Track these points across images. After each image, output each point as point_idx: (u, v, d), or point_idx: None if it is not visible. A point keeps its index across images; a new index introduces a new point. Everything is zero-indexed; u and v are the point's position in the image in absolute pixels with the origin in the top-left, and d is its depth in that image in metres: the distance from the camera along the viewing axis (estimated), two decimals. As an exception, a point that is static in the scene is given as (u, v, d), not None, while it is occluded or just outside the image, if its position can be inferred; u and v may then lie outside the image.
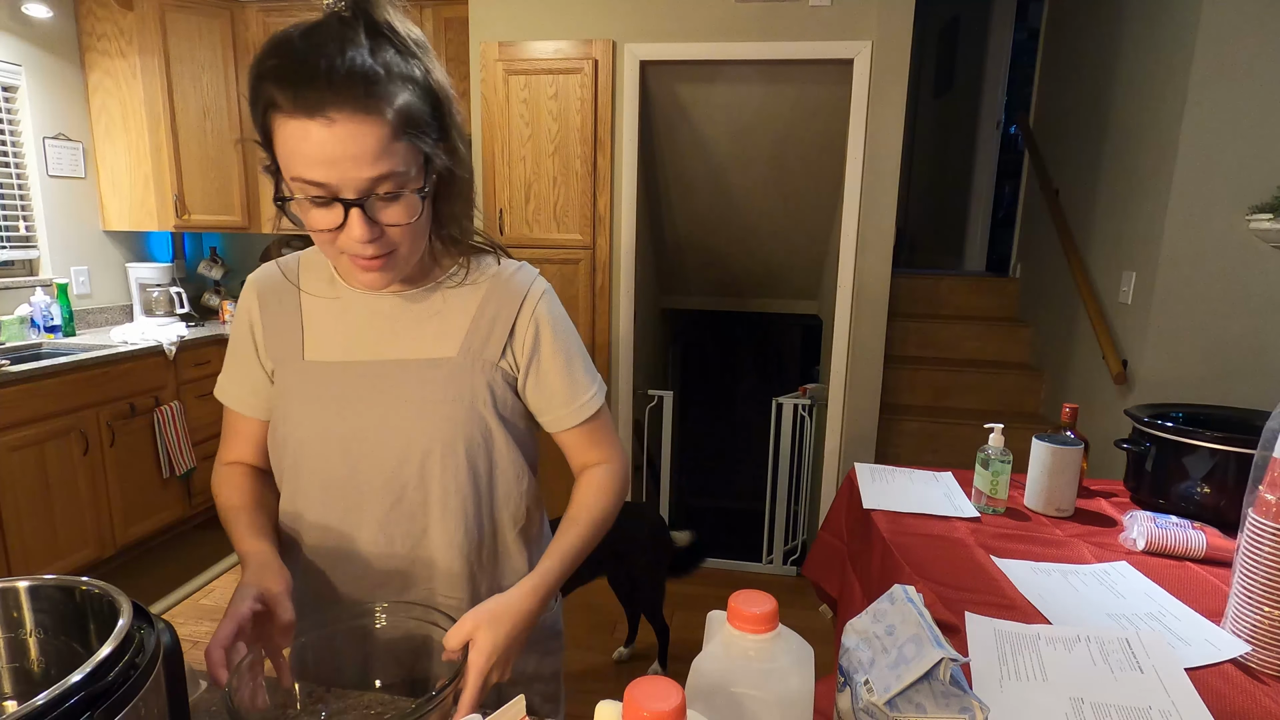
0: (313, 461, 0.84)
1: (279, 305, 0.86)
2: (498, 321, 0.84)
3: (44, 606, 0.53)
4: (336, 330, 0.84)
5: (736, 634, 0.54)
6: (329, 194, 0.68)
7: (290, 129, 0.65)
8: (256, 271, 0.90)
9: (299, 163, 0.66)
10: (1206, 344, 2.21)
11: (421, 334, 0.83)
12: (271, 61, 0.65)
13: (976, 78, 4.50)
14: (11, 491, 2.37)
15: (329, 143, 0.65)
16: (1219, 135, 2.11)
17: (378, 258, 0.73)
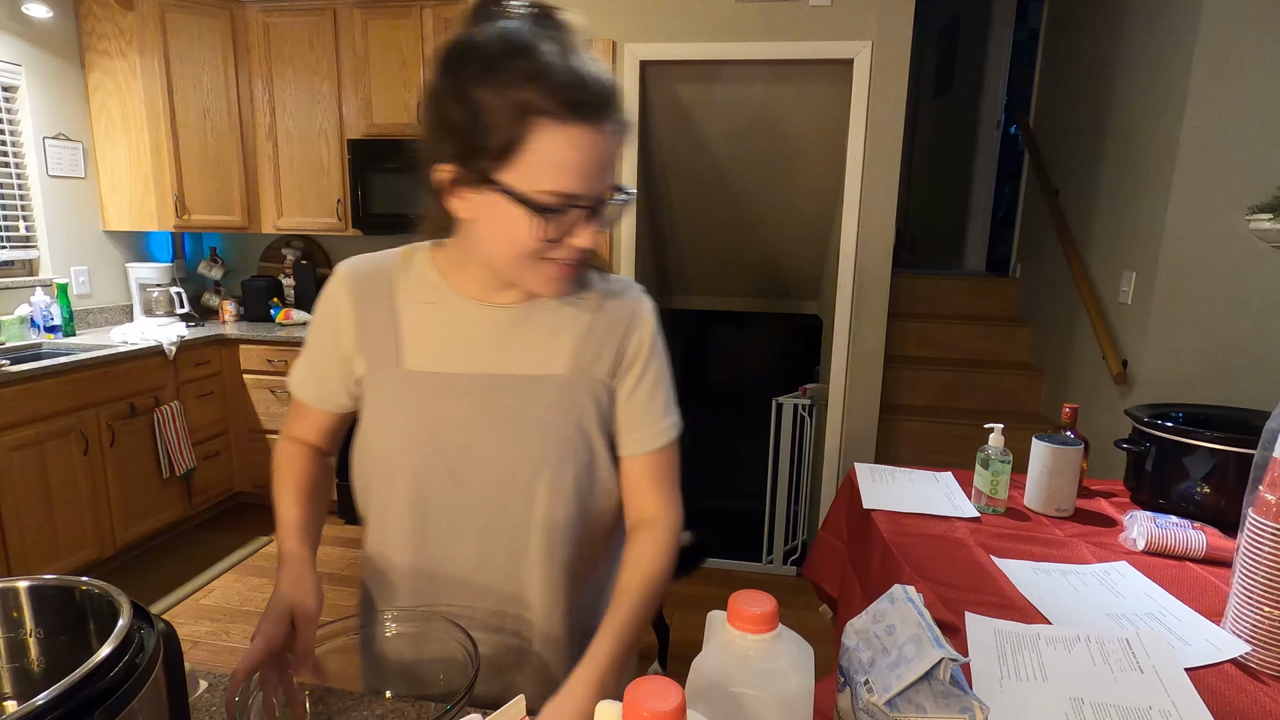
0: (408, 474, 0.80)
1: (372, 304, 0.81)
2: (609, 339, 0.81)
3: (44, 606, 0.53)
4: (439, 339, 0.79)
5: (736, 634, 0.54)
6: (572, 203, 0.67)
7: (559, 136, 0.64)
8: (348, 264, 0.83)
9: (561, 171, 0.65)
10: (1206, 344, 2.21)
11: (530, 349, 0.79)
12: (526, 62, 0.64)
13: (976, 78, 4.50)
14: (11, 491, 2.37)
15: (598, 152, 0.65)
16: (1219, 135, 2.11)
17: (573, 264, 0.73)
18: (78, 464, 2.60)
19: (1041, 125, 3.53)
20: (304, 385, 0.87)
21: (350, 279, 0.82)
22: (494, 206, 0.68)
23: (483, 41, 0.66)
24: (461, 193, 0.69)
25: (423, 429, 0.79)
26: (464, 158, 0.67)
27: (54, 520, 2.53)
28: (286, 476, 0.88)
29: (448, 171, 0.69)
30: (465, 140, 0.66)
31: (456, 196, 0.70)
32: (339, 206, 3.38)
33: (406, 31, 3.15)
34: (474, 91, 0.65)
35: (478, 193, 0.68)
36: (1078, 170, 2.99)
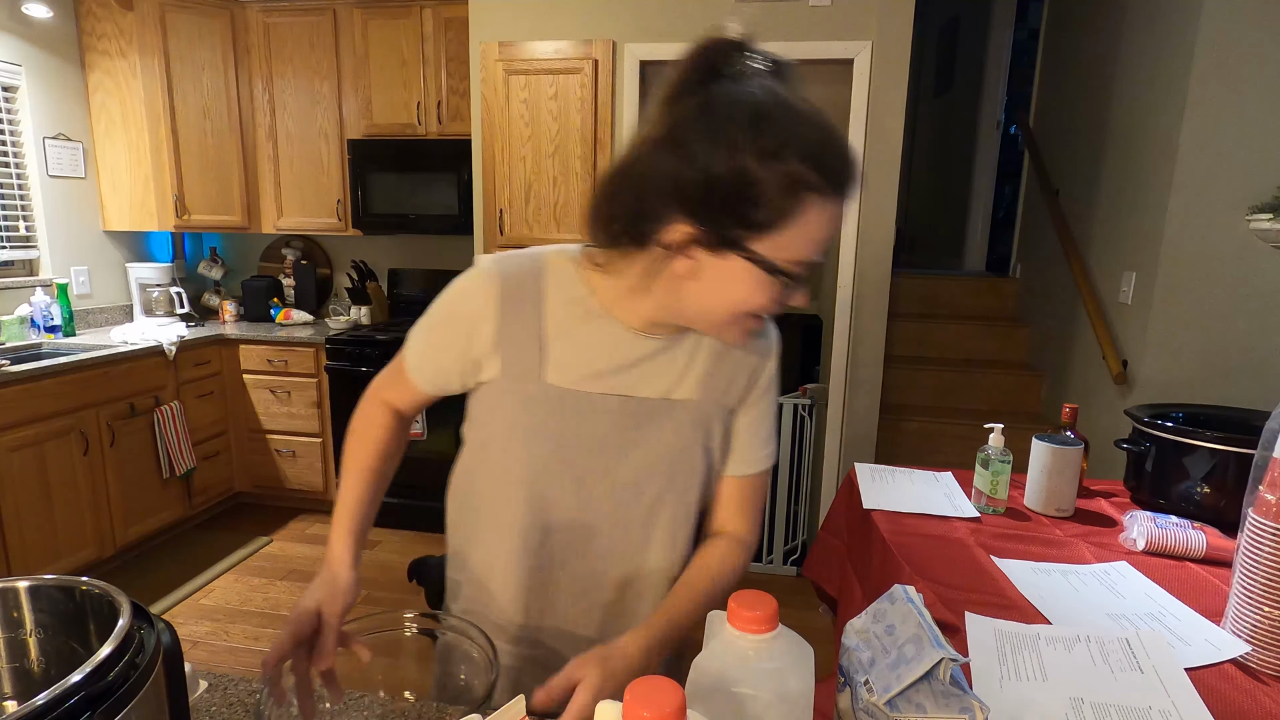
0: (533, 489, 0.80)
1: (519, 308, 0.77)
2: (743, 365, 0.82)
3: (44, 606, 0.53)
4: (583, 357, 0.78)
5: (736, 634, 0.54)
6: (811, 269, 0.68)
7: (823, 212, 0.64)
8: (496, 261, 0.79)
9: (817, 244, 0.66)
10: (1206, 344, 2.21)
11: (667, 374, 0.80)
12: (801, 135, 0.63)
13: (976, 78, 4.50)
14: (11, 491, 2.37)
15: (837, 225, 0.67)
16: (1219, 135, 2.11)
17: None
18: (78, 464, 2.60)
19: (1041, 125, 3.53)
20: (421, 368, 0.84)
21: (499, 278, 0.78)
22: (728, 269, 0.66)
23: (751, 104, 0.64)
24: (693, 252, 0.67)
25: (555, 445, 0.78)
26: (715, 222, 0.64)
27: (54, 520, 2.53)
28: (365, 443, 0.87)
29: (685, 233, 0.66)
30: (725, 207, 0.63)
31: (685, 254, 0.67)
32: (339, 206, 3.38)
33: (406, 31, 3.15)
34: (746, 160, 0.62)
35: (715, 255, 0.66)
36: (1078, 170, 2.99)
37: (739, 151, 0.62)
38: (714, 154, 0.62)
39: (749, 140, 0.61)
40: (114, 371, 2.74)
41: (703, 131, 0.63)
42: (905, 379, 3.29)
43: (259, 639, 2.45)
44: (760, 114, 0.63)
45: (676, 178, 0.64)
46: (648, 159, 0.67)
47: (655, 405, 0.79)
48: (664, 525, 0.82)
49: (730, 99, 0.64)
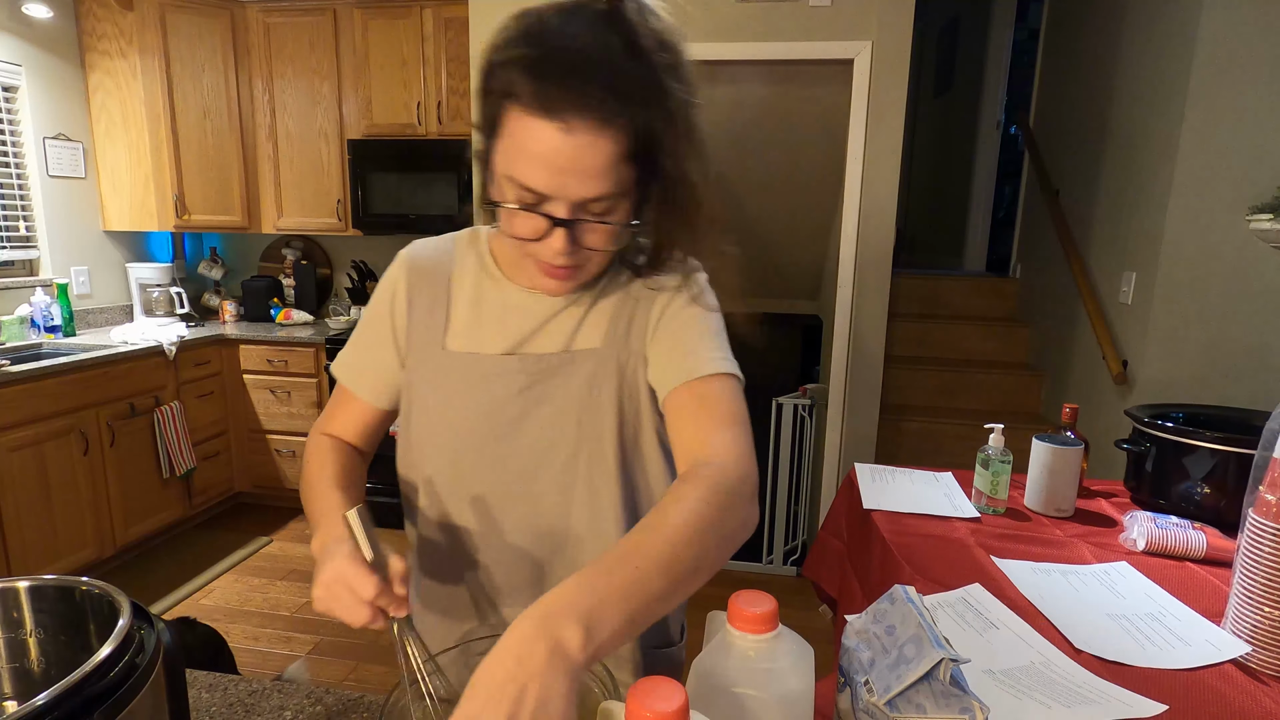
0: (448, 459, 0.79)
1: (428, 287, 0.80)
2: (641, 309, 0.76)
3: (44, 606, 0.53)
4: (483, 322, 0.78)
5: (737, 634, 0.54)
6: (539, 201, 0.64)
7: (523, 125, 0.60)
8: (410, 247, 0.83)
9: (522, 164, 0.62)
10: (1206, 344, 2.21)
11: (567, 327, 0.77)
12: (520, 48, 0.61)
13: (976, 78, 4.50)
14: (11, 491, 2.37)
15: (560, 151, 0.60)
16: (1219, 135, 2.11)
17: (567, 267, 0.69)
18: (78, 464, 2.60)
19: (1041, 125, 3.53)
20: (358, 380, 0.83)
21: (406, 260, 0.81)
22: (496, 194, 0.67)
23: (518, 14, 0.63)
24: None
25: (461, 412, 0.77)
26: (482, 128, 0.67)
27: (54, 520, 2.53)
28: (325, 464, 0.80)
29: (479, 143, 0.68)
30: (480, 110, 0.65)
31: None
32: (339, 206, 3.38)
33: (406, 31, 3.15)
34: (486, 70, 0.63)
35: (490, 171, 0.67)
36: (1078, 170, 2.99)
37: (492, 60, 0.62)
38: (484, 57, 0.64)
39: (502, 48, 0.62)
40: (114, 371, 2.74)
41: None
42: (905, 379, 3.29)
43: (259, 639, 2.45)
44: (522, 28, 0.62)
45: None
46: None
47: (556, 359, 0.76)
48: (583, 484, 0.77)
49: (526, 17, 0.63)
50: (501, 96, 0.62)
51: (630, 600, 0.50)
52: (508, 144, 0.63)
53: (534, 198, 0.63)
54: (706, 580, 0.58)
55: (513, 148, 0.62)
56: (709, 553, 0.57)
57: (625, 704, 0.44)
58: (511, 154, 0.62)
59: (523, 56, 0.60)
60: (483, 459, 0.78)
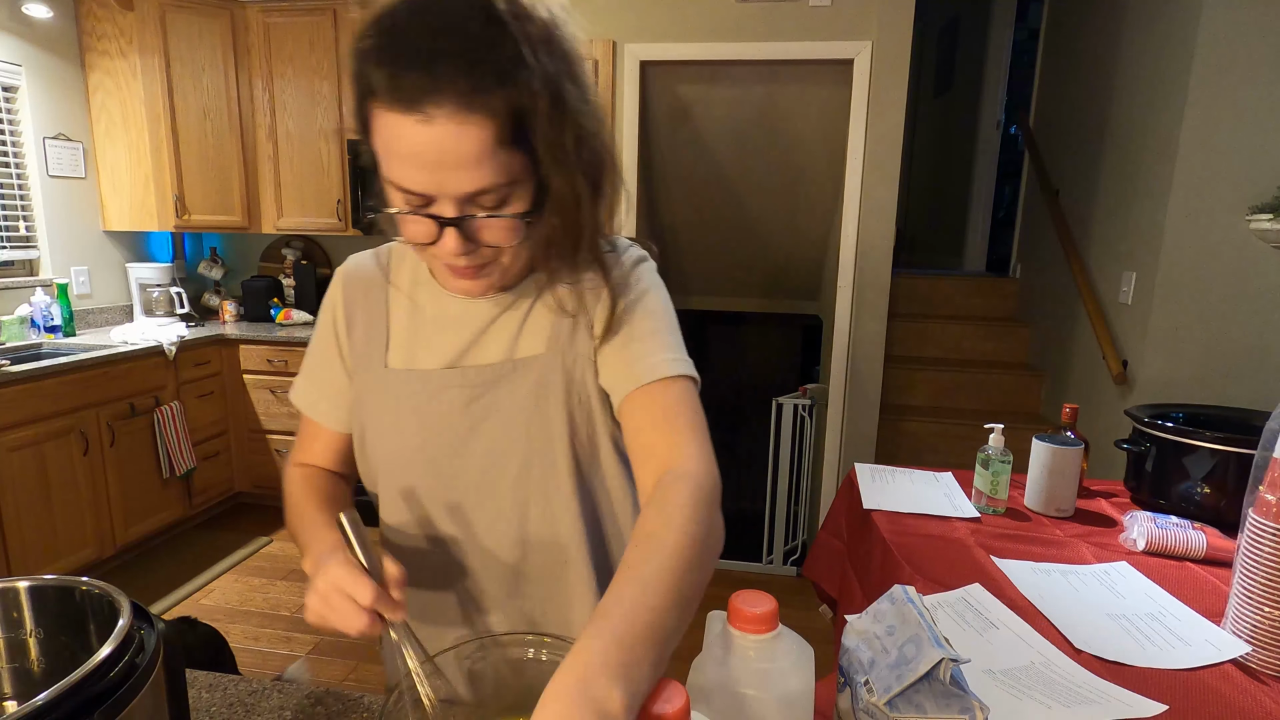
0: (402, 478, 0.76)
1: (365, 302, 0.77)
2: (585, 305, 0.72)
3: (44, 606, 0.53)
4: (423, 336, 0.75)
5: (737, 634, 0.53)
6: (424, 203, 0.59)
7: (386, 123, 0.56)
8: (346, 262, 0.80)
9: (395, 165, 0.57)
10: (1206, 344, 2.21)
11: (508, 334, 0.73)
12: (371, 39, 0.56)
13: (976, 78, 4.50)
14: (11, 491, 2.37)
15: (427, 144, 0.55)
16: (1219, 135, 2.11)
17: (473, 267, 0.65)
18: (78, 464, 2.60)
19: (1041, 125, 3.53)
20: (316, 405, 0.81)
21: (341, 275, 0.79)
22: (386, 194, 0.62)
23: (384, 5, 0.57)
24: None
25: (409, 431, 0.74)
26: (359, 133, 0.61)
27: (54, 520, 2.53)
28: (307, 492, 0.77)
29: (367, 151, 0.63)
30: (352, 113, 0.60)
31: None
32: (339, 206, 3.38)
33: (406, 31, 3.15)
34: (351, 69, 0.58)
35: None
36: (1078, 170, 2.99)
37: (352, 57, 0.58)
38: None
39: (357, 42, 0.57)
40: (114, 371, 2.74)
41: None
42: (905, 379, 3.29)
43: (259, 639, 2.45)
44: (373, 19, 0.56)
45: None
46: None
47: (498, 369, 0.72)
48: (537, 495, 0.74)
49: (379, 8, 0.57)
50: (363, 95, 0.57)
51: (655, 644, 0.47)
52: (379, 146, 0.58)
53: (419, 199, 0.59)
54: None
55: (383, 149, 0.57)
56: (705, 572, 0.56)
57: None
58: (384, 156, 0.58)
59: (373, 47, 0.55)
60: (436, 476, 0.75)
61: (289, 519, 0.77)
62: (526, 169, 0.59)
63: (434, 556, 0.78)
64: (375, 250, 0.81)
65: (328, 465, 0.83)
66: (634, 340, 0.70)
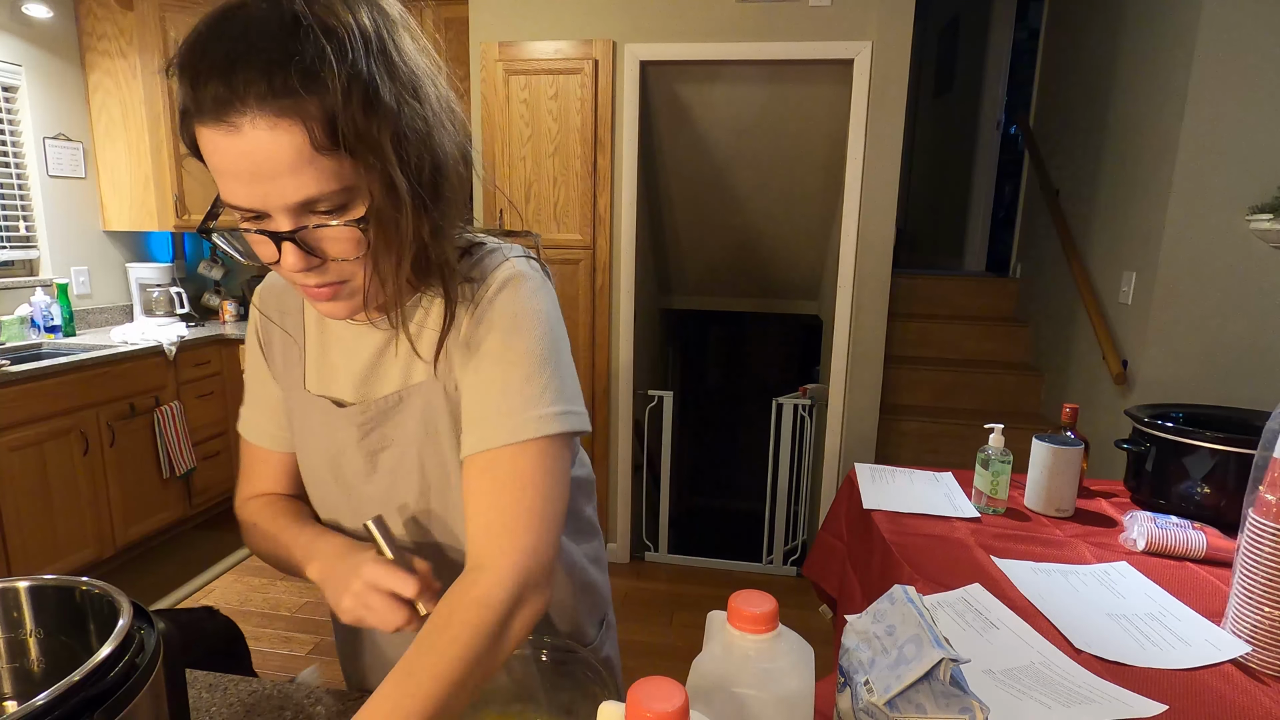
0: (321, 496, 0.77)
1: (281, 320, 0.76)
2: (456, 335, 0.67)
3: (44, 606, 0.53)
4: (330, 361, 0.74)
5: (737, 634, 0.53)
6: (257, 218, 0.56)
7: (203, 139, 0.53)
8: (262, 283, 0.79)
9: (221, 180, 0.54)
10: (1206, 344, 2.21)
11: (399, 362, 0.71)
12: (180, 55, 0.53)
13: (976, 78, 4.50)
14: (11, 491, 2.37)
15: (240, 155, 0.52)
16: (1219, 135, 2.11)
17: (325, 286, 0.60)
18: (78, 464, 2.60)
19: (1041, 125, 3.53)
20: (260, 430, 0.79)
21: (258, 300, 0.77)
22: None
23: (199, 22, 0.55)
24: None
25: (321, 455, 0.74)
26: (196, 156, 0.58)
27: (54, 520, 2.53)
28: (276, 515, 0.76)
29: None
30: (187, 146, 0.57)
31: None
32: (339, 206, 3.38)
33: (406, 31, 3.15)
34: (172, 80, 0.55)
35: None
36: (1078, 170, 2.99)
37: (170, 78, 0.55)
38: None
39: (172, 60, 0.54)
40: (114, 371, 2.74)
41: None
42: (905, 379, 3.29)
43: (259, 639, 2.45)
44: (188, 34, 0.54)
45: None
46: None
47: (389, 400, 0.70)
48: (437, 520, 0.72)
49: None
50: (183, 116, 0.54)
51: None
52: (209, 165, 0.55)
53: (251, 215, 0.56)
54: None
55: (211, 167, 0.55)
56: (479, 678, 0.58)
57: (625, 704, 0.44)
58: (214, 174, 0.55)
59: (181, 63, 0.53)
60: (343, 505, 0.75)
61: (263, 547, 0.76)
62: (360, 174, 0.56)
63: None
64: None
65: (282, 490, 0.81)
66: (482, 391, 0.65)
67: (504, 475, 0.63)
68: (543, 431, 0.64)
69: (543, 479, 0.64)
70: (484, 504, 0.63)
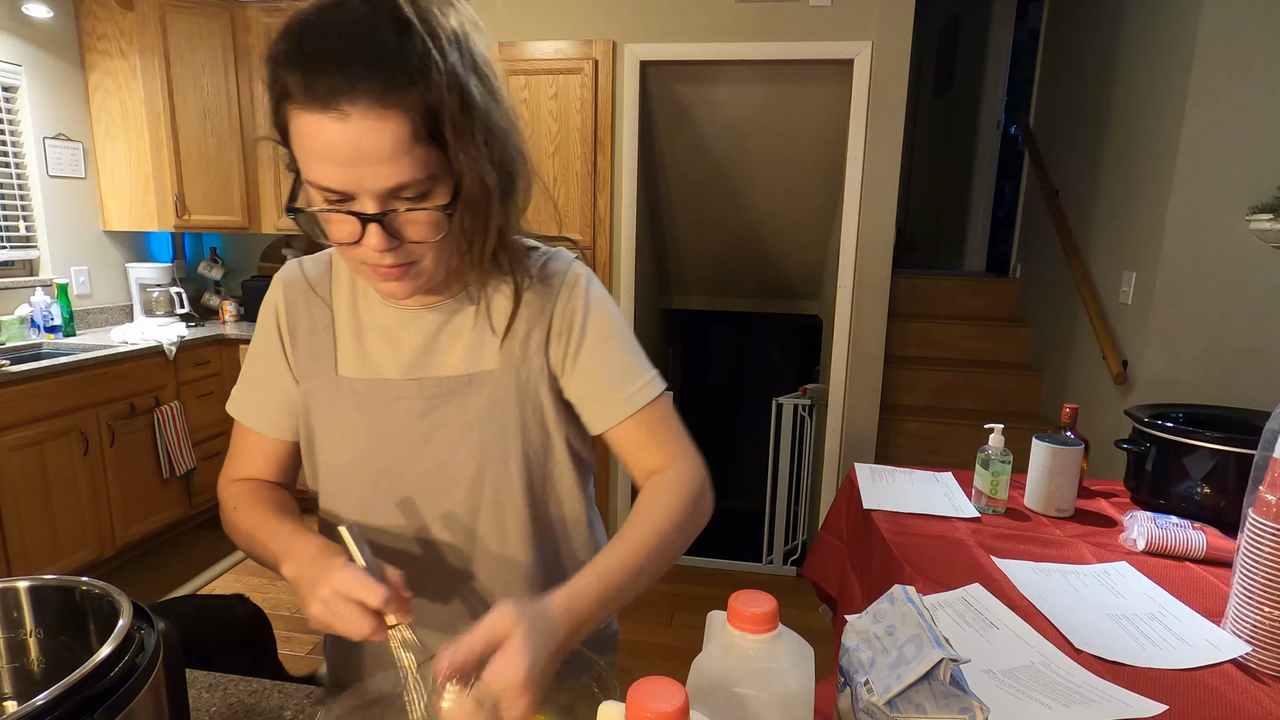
0: (351, 489, 0.76)
1: (308, 308, 0.77)
2: (536, 321, 0.74)
3: (44, 606, 0.53)
4: (371, 343, 0.75)
5: (737, 634, 0.53)
6: (344, 200, 0.60)
7: (302, 123, 0.57)
8: (284, 268, 0.80)
9: (314, 165, 0.59)
10: (1206, 344, 2.21)
11: (459, 346, 0.74)
12: (283, 44, 0.58)
13: (976, 78, 4.50)
14: (11, 491, 2.37)
15: (342, 141, 0.56)
16: (1219, 135, 2.11)
17: (397, 266, 0.65)
18: (78, 464, 2.60)
19: (1041, 125, 3.53)
20: (250, 409, 0.79)
21: (281, 282, 0.79)
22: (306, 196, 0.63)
23: (293, 12, 0.60)
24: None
25: (358, 439, 0.75)
26: (279, 138, 0.63)
27: (54, 520, 2.53)
28: (257, 503, 0.75)
29: (286, 155, 0.64)
30: (270, 119, 0.62)
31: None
32: (339, 206, 3.38)
33: (406, 31, 3.15)
34: (266, 74, 0.60)
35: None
36: (1078, 170, 2.99)
37: (267, 62, 0.60)
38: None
39: (271, 47, 0.60)
40: (114, 371, 2.74)
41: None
42: (905, 379, 3.29)
43: (259, 639, 2.45)
44: (285, 24, 0.59)
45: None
46: None
47: (454, 383, 0.73)
48: (489, 509, 0.75)
49: (292, 14, 0.60)
50: (279, 98, 0.59)
51: (603, 607, 0.62)
52: (297, 147, 0.60)
53: (338, 198, 0.60)
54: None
55: (302, 150, 0.59)
56: (686, 538, 0.71)
57: (625, 704, 0.44)
58: (303, 156, 0.60)
59: (286, 51, 0.58)
60: (387, 486, 0.75)
61: (242, 534, 0.75)
62: (444, 166, 0.61)
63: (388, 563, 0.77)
64: (314, 256, 0.80)
65: (269, 477, 0.81)
66: (605, 373, 0.75)
67: (654, 422, 0.75)
68: (659, 390, 0.76)
69: (675, 416, 0.78)
70: (647, 447, 0.75)
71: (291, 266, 0.80)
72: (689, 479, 0.73)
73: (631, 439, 0.75)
